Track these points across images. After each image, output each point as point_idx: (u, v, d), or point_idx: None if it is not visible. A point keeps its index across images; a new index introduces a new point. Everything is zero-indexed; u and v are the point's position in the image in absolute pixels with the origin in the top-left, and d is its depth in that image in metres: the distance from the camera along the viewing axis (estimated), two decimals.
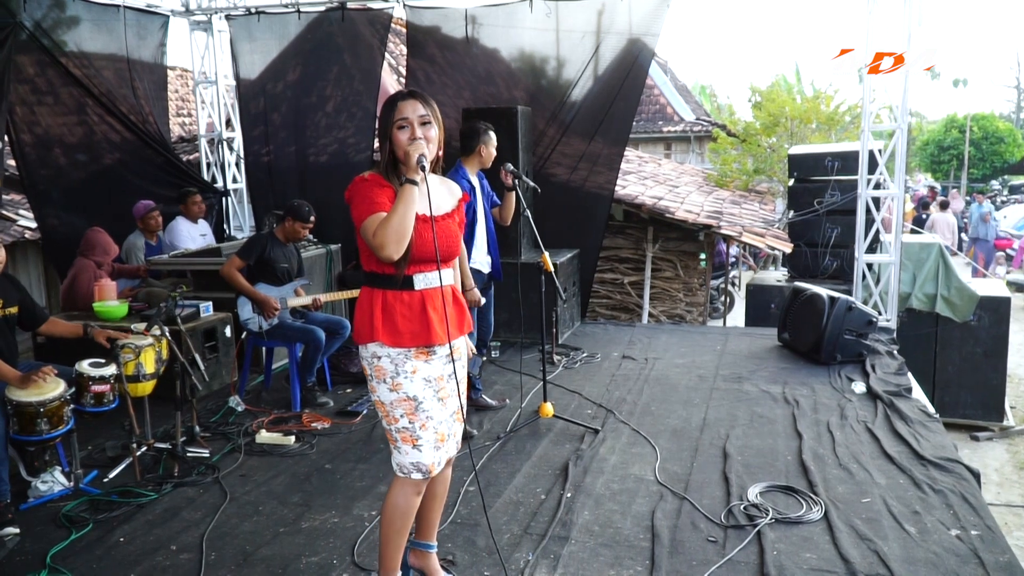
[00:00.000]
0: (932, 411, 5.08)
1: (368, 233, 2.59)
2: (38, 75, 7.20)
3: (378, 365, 2.71)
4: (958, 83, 35.23)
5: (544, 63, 7.74)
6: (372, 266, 2.73)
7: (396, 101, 2.72)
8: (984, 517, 3.56)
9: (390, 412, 2.73)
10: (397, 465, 2.77)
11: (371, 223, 2.59)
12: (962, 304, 8.37)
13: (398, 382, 2.70)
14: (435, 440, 2.76)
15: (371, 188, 2.65)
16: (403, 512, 2.79)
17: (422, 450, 2.73)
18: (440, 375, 2.79)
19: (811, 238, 8.76)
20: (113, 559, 3.39)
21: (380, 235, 2.55)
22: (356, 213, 2.65)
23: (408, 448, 2.73)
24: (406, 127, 2.68)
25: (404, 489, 2.78)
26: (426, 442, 2.73)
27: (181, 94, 14.14)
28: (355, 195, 2.67)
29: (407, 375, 2.71)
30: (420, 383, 2.72)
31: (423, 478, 2.76)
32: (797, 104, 15.30)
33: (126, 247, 6.83)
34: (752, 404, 5.26)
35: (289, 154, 8.71)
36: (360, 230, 2.63)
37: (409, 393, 2.71)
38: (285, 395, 5.50)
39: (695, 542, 3.42)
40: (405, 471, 2.75)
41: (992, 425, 8.46)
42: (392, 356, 2.70)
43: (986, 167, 30.19)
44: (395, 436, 2.74)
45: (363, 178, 2.69)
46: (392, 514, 2.80)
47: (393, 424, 2.74)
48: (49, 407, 3.75)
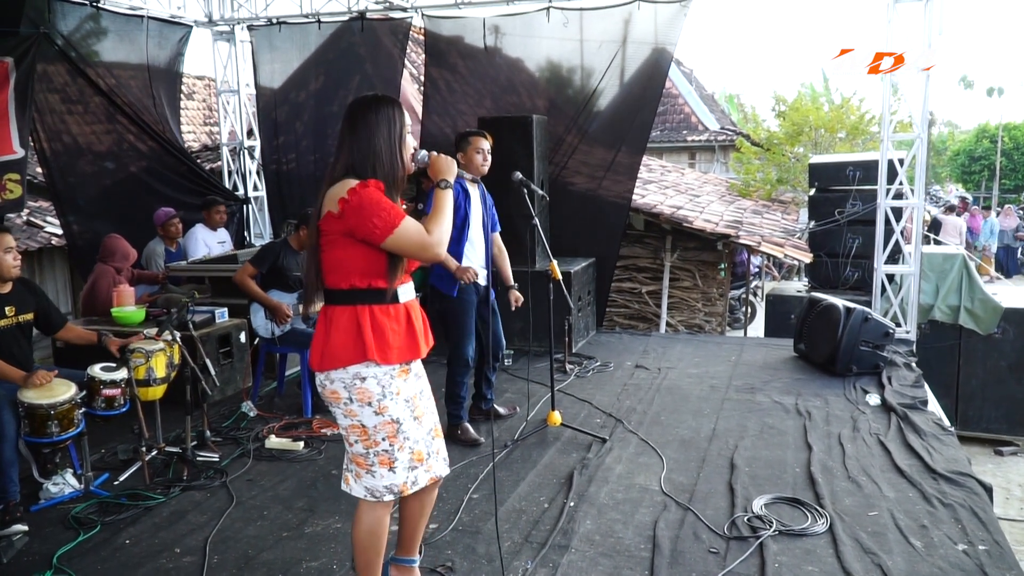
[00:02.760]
0: (947, 424, 5.00)
1: (413, 235, 2.54)
2: (68, 84, 7.38)
3: (361, 387, 2.59)
4: (992, 92, 34.75)
5: (570, 72, 7.77)
6: (355, 281, 2.59)
7: (400, 105, 2.70)
8: (993, 532, 3.50)
9: (371, 436, 2.63)
10: (367, 490, 2.67)
11: (413, 225, 2.55)
12: (986, 316, 8.24)
13: (384, 404, 2.61)
14: (410, 460, 2.70)
15: (381, 195, 2.56)
16: (378, 536, 2.74)
17: (396, 472, 2.66)
18: (414, 393, 2.74)
19: (832, 248, 8.69)
20: (118, 561, 3.44)
21: (438, 234, 2.59)
22: (380, 222, 2.50)
23: (384, 471, 2.65)
24: (411, 133, 2.73)
25: (375, 513, 2.72)
26: (400, 463, 2.67)
27: (209, 103, 14.36)
28: (368, 204, 2.52)
29: (392, 396, 2.63)
30: (402, 404, 2.66)
31: (393, 498, 2.70)
32: (822, 113, 15.18)
33: (146, 253, 6.95)
34: (763, 415, 5.21)
35: (311, 162, 8.82)
36: (392, 238, 2.51)
37: (394, 415, 2.63)
38: (297, 401, 5.54)
39: (696, 553, 3.40)
40: (377, 495, 2.67)
41: (1017, 440, 8.33)
42: (379, 377, 2.60)
43: (1018, 177, 29.67)
44: (371, 461, 2.65)
45: (364, 185, 2.54)
46: (367, 541, 2.74)
47: (372, 448, 2.64)
48: (60, 410, 3.82)
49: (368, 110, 2.63)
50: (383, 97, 2.70)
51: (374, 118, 2.62)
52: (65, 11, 7.14)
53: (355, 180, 2.58)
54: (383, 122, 2.63)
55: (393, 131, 2.63)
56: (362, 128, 2.62)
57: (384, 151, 2.62)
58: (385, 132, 2.62)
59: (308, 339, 5.30)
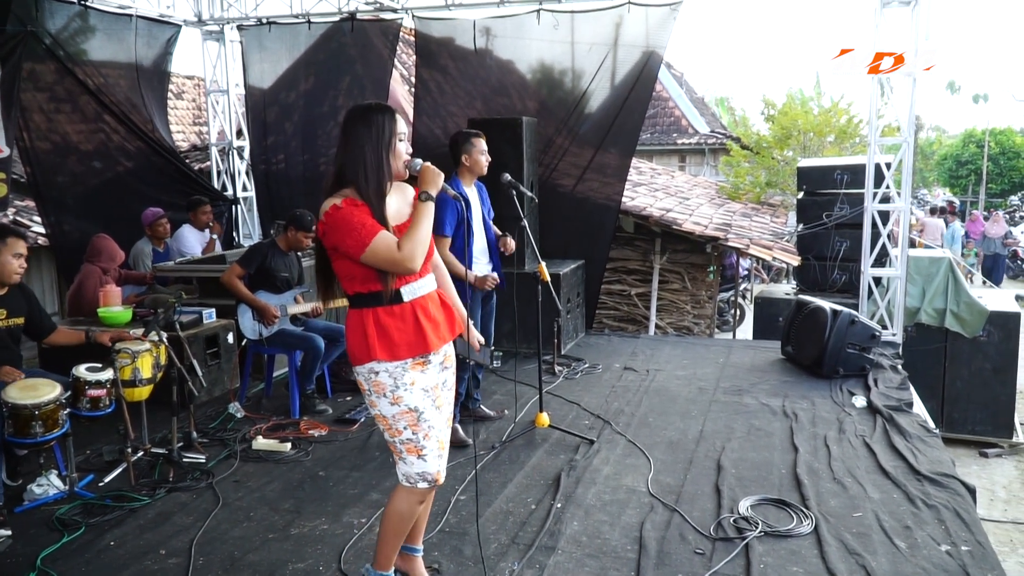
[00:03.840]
0: (932, 426, 5.03)
1: (383, 252, 2.60)
2: (56, 84, 7.33)
3: (376, 380, 2.72)
4: (978, 98, 35.01)
5: (561, 74, 7.78)
6: (356, 287, 2.71)
7: (394, 113, 2.72)
8: (976, 533, 3.53)
9: (393, 425, 2.76)
10: (403, 476, 2.81)
11: (381, 242, 2.60)
12: (972, 319, 8.29)
13: (398, 395, 2.73)
14: (437, 448, 2.81)
15: (353, 213, 2.61)
16: (407, 519, 2.86)
17: (427, 460, 2.77)
18: (435, 384, 2.84)
19: (820, 251, 8.72)
20: (102, 562, 3.42)
21: (408, 248, 2.62)
22: (352, 241, 2.59)
23: (413, 459, 2.77)
24: (403, 141, 2.75)
25: (410, 499, 2.83)
26: (430, 451, 2.78)
27: (198, 103, 14.31)
28: (341, 225, 2.60)
29: (406, 387, 2.73)
30: (419, 394, 2.76)
31: (428, 487, 2.80)
32: (811, 117, 15.26)
33: (134, 253, 6.91)
34: (750, 417, 5.23)
35: (300, 163, 8.81)
36: (365, 255, 2.60)
37: (410, 405, 2.74)
38: (285, 402, 5.52)
39: (682, 554, 3.41)
40: (412, 481, 2.79)
41: (1001, 441, 8.38)
42: (390, 370, 2.71)
43: (1004, 182, 29.89)
44: (400, 448, 2.78)
45: (337, 207, 2.61)
46: (395, 519, 2.85)
47: (397, 436, 2.76)
48: (44, 410, 3.79)
49: (358, 119, 2.69)
50: (376, 105, 2.73)
51: (363, 127, 2.68)
52: (53, 9, 7.10)
53: (338, 198, 2.65)
54: (372, 130, 2.67)
55: (382, 139, 2.67)
56: (352, 136, 2.69)
57: (371, 160, 2.67)
58: (373, 141, 2.67)
59: (295, 340, 5.33)
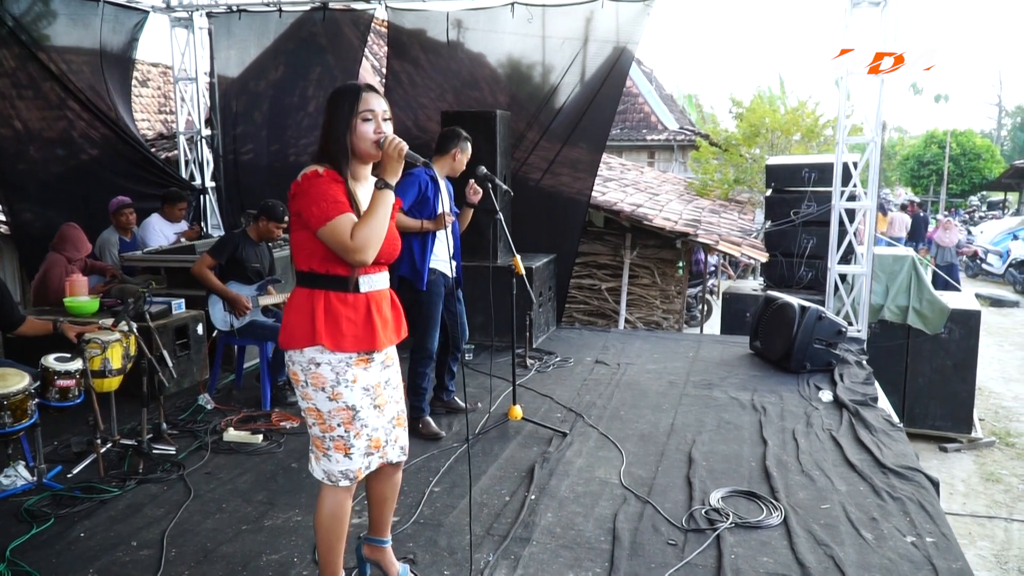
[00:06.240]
0: (896, 420, 5.14)
1: (339, 234, 2.52)
2: (18, 69, 7.18)
3: (316, 372, 2.63)
4: (940, 99, 35.70)
5: (531, 68, 7.78)
6: (314, 265, 2.62)
7: (359, 91, 2.63)
8: (940, 525, 3.62)
9: (326, 421, 2.67)
10: (324, 473, 2.72)
11: (341, 224, 2.53)
12: (933, 316, 8.46)
13: (338, 391, 2.64)
14: (367, 447, 2.73)
15: (329, 185, 2.56)
16: (339, 519, 2.77)
17: (352, 458, 2.70)
18: (377, 382, 2.75)
19: (787, 248, 8.83)
20: (73, 554, 3.38)
21: (361, 238, 2.52)
22: (317, 211, 2.53)
23: (340, 456, 2.69)
24: (371, 120, 2.62)
25: (335, 496, 2.75)
26: (357, 450, 2.70)
27: (164, 91, 14.08)
28: (311, 192, 2.55)
29: (348, 384, 2.65)
30: (359, 392, 2.68)
31: (350, 484, 2.73)
32: (778, 116, 15.45)
33: (100, 243, 6.80)
34: (720, 410, 5.30)
35: (269, 153, 8.71)
36: (323, 230, 2.53)
37: (349, 402, 2.66)
38: (256, 394, 5.48)
39: (655, 545, 3.45)
40: (333, 479, 2.71)
41: (960, 437, 8.56)
42: (333, 364, 2.63)
43: (965, 183, 30.56)
44: (327, 444, 2.69)
45: (316, 173, 2.57)
46: (328, 523, 2.76)
47: (328, 433, 2.68)
48: (12, 400, 3.73)
49: (331, 97, 2.67)
50: (349, 85, 2.70)
51: (333, 105, 2.65)
52: None
53: (321, 167, 2.61)
54: (339, 108, 2.63)
55: (345, 117, 2.61)
56: (325, 115, 2.67)
57: (334, 137, 2.62)
58: (339, 118, 2.62)
59: (267, 331, 5.29)
